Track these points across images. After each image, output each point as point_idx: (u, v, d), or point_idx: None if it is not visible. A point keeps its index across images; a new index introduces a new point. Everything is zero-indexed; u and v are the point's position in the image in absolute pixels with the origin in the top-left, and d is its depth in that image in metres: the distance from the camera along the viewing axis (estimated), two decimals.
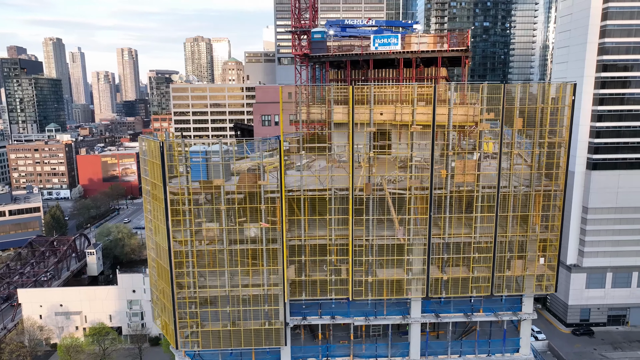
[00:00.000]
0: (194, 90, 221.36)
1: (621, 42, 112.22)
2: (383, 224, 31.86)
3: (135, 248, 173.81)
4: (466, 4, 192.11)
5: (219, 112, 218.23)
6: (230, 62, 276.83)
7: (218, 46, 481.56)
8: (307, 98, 47.72)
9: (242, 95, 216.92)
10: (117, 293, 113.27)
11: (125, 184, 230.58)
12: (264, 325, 32.48)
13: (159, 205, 31.76)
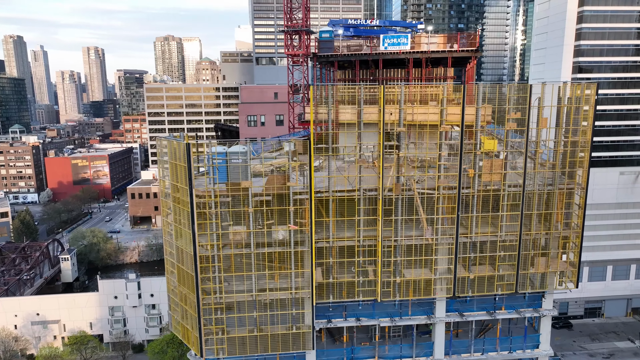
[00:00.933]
0: (168, 90, 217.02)
1: (595, 45, 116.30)
2: (410, 224, 31.75)
3: (112, 252, 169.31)
4: (441, 6, 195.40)
5: (195, 112, 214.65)
6: (203, 61, 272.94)
7: (189, 46, 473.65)
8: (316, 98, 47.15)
9: (218, 95, 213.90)
10: (98, 300, 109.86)
11: (97, 186, 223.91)
12: (291, 329, 31.85)
13: (182, 209, 30.71)
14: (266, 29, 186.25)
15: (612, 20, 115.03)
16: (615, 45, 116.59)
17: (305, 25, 76.22)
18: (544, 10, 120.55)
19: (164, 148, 32.11)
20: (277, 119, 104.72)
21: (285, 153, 38.49)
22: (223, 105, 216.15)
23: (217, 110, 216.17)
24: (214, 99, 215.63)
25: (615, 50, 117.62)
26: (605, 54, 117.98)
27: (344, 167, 32.28)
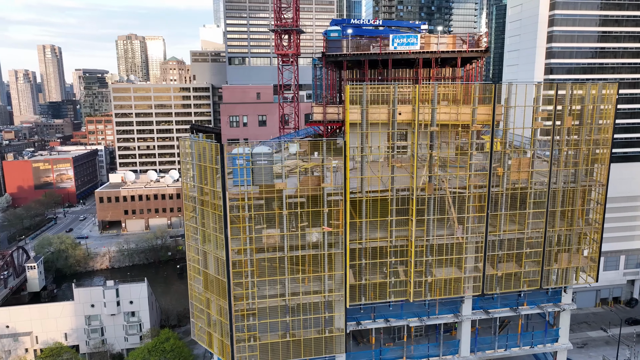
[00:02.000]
0: (137, 90, 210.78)
1: (566, 47, 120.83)
2: (440, 223, 31.84)
3: (81, 259, 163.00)
4: (412, 8, 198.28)
5: (165, 113, 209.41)
6: (170, 61, 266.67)
7: (152, 45, 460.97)
8: (325, 98, 46.73)
9: (189, 95, 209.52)
10: (74, 309, 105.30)
11: (61, 190, 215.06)
12: (324, 333, 31.32)
13: (210, 212, 29.66)
14: (239, 29, 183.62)
15: (580, 24, 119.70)
16: (584, 47, 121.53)
17: (296, 25, 75.66)
18: (516, 13, 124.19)
19: (188, 149, 30.91)
20: (260, 119, 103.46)
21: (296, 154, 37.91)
22: (194, 106, 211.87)
23: (188, 110, 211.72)
24: (184, 99, 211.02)
25: (583, 53, 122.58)
26: (575, 57, 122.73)
27: (376, 167, 31.94)
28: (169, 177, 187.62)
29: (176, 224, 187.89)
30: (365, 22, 53.05)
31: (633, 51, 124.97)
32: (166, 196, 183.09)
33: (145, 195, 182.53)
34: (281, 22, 74.89)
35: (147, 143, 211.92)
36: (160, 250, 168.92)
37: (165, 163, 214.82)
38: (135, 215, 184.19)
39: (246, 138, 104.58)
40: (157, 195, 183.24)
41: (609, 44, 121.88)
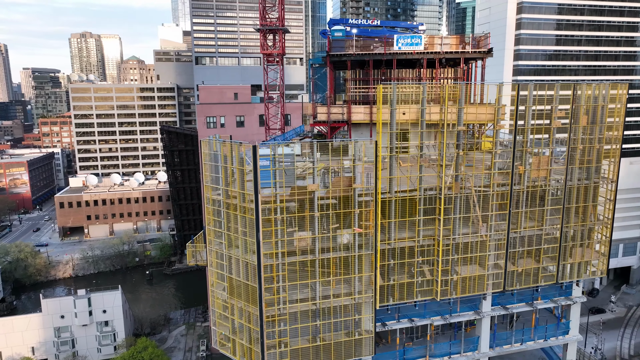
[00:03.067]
0: (97, 90, 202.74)
1: (532, 50, 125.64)
2: (464, 222, 32.19)
3: (42, 268, 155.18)
4: (379, 9, 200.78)
5: (128, 114, 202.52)
6: (131, 60, 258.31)
7: (108, 43, 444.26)
8: (329, 98, 46.36)
9: (153, 96, 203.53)
10: (42, 321, 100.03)
11: (15, 196, 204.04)
12: (353, 335, 30.98)
13: (239, 216, 28.72)
14: (206, 28, 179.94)
15: (544, 28, 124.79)
16: (548, 50, 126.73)
17: (282, 25, 74.82)
18: (484, 16, 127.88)
19: (215, 151, 29.82)
20: (238, 120, 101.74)
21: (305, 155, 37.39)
22: (159, 107, 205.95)
23: (152, 111, 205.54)
24: (148, 99, 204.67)
25: (548, 55, 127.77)
26: (540, 59, 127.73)
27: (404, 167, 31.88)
28: (134, 180, 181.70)
29: (142, 229, 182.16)
30: (364, 22, 53.11)
31: (590, 54, 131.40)
32: (132, 200, 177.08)
33: (109, 199, 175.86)
34: (266, 22, 73.85)
35: (109, 145, 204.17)
36: (127, 256, 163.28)
37: (128, 166, 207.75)
38: (99, 220, 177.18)
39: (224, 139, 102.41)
40: (122, 199, 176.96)
41: (570, 47, 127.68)
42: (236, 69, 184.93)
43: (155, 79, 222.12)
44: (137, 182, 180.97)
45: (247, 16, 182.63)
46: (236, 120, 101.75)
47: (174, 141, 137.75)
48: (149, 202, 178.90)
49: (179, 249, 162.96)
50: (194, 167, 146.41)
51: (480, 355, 35.58)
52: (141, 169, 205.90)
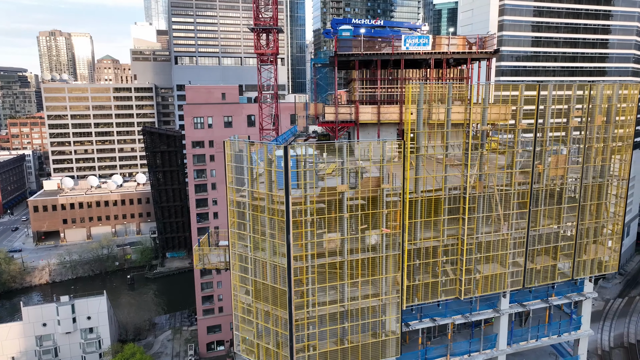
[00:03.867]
0: (72, 90, 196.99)
1: (514, 51, 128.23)
2: (487, 221, 32.46)
3: (16, 275, 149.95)
4: (359, 10, 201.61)
5: (104, 114, 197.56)
6: (105, 60, 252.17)
7: (79, 42, 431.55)
8: (336, 98, 46.10)
9: (130, 96, 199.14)
10: (22, 330, 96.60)
11: None
12: (380, 337, 30.81)
13: (267, 218, 28.18)
14: (186, 27, 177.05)
15: (525, 30, 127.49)
16: (529, 51, 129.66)
17: (276, 24, 74.12)
18: (467, 17, 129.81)
19: (240, 152, 29.16)
20: (226, 120, 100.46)
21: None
22: (136, 107, 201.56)
23: (129, 112, 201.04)
24: (125, 100, 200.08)
25: (528, 57, 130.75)
26: (521, 60, 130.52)
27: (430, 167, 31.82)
28: (112, 183, 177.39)
29: (121, 232, 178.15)
30: (367, 22, 53.06)
31: (568, 55, 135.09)
32: (110, 203, 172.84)
33: (86, 202, 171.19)
34: (261, 21, 72.97)
35: (84, 147, 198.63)
36: (106, 260, 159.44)
37: (105, 167, 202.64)
38: (76, 224, 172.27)
39: (211, 140, 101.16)
40: (100, 202, 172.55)
41: (550, 49, 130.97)
42: (217, 69, 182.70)
43: (132, 78, 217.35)
44: (116, 184, 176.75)
45: (227, 15, 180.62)
46: (224, 121, 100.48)
47: (156, 142, 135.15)
48: (128, 204, 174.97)
49: (161, 252, 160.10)
50: (177, 168, 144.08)
51: (499, 352, 35.97)
52: (118, 171, 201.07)
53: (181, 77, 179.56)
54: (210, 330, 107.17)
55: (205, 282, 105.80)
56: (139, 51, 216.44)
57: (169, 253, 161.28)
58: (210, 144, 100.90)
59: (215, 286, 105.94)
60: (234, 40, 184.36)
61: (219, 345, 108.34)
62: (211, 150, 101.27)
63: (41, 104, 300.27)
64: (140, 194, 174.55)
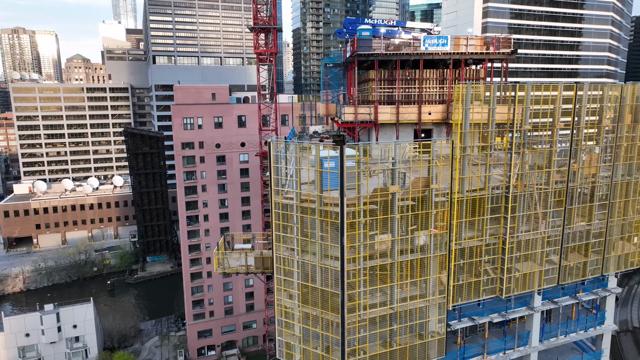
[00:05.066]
0: (43, 90, 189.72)
1: None
2: (526, 219, 32.78)
3: None
4: (339, 11, 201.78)
5: (78, 115, 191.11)
6: (75, 59, 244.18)
7: (43, 40, 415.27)
8: (355, 98, 45.73)
9: (105, 96, 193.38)
10: (4, 341, 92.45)
11: None
12: (426, 338, 30.63)
13: (318, 220, 27.56)
14: (164, 26, 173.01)
15: (507, 32, 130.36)
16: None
17: (275, 23, 73.26)
18: (451, 19, 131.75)
19: (287, 152, 28.42)
20: (216, 121, 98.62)
21: None
22: (111, 108, 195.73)
23: (104, 113, 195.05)
24: (100, 100, 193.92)
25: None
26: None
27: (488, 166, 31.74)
28: (88, 186, 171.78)
29: (98, 237, 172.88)
30: (380, 22, 52.95)
31: (547, 57, 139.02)
32: (86, 206, 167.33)
33: (61, 206, 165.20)
34: (260, 20, 71.97)
35: (57, 149, 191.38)
36: (84, 266, 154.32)
37: (79, 170, 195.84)
38: (50, 229, 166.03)
39: (201, 141, 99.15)
40: (75, 206, 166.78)
41: (530, 50, 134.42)
42: (196, 69, 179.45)
43: (106, 78, 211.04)
44: (92, 188, 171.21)
45: (206, 14, 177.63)
46: (214, 122, 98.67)
47: (138, 144, 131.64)
48: (105, 208, 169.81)
49: (142, 256, 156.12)
50: (159, 170, 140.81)
51: (531, 349, 36.41)
52: (93, 174, 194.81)
53: (160, 77, 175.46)
54: (201, 335, 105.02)
55: (195, 286, 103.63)
56: (113, 50, 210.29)
57: (150, 257, 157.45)
58: (200, 145, 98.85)
59: (206, 290, 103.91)
60: (213, 40, 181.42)
61: (210, 350, 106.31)
62: (201, 152, 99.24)
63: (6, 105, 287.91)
64: (118, 197, 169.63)
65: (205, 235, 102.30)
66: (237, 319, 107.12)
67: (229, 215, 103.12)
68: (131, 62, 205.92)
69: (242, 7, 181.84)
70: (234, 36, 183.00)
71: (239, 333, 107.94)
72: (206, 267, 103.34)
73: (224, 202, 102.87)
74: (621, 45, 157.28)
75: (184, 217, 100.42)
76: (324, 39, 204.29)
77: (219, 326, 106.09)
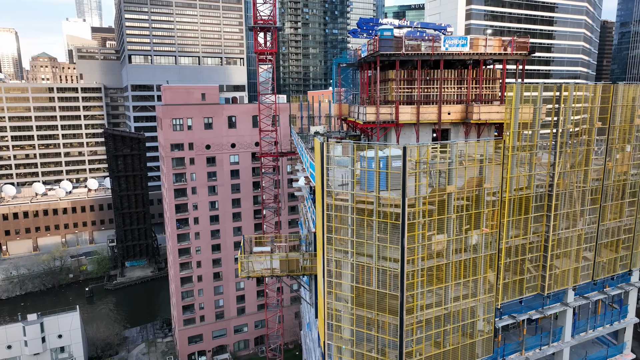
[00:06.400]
0: (9, 90, 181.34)
1: None
2: (566, 217, 33.35)
3: None
4: (317, 11, 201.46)
5: (47, 117, 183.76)
6: (41, 57, 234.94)
7: (2, 38, 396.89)
8: (378, 98, 45.50)
9: (77, 97, 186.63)
10: None
11: None
12: (477, 337, 30.68)
13: (376, 221, 27.15)
14: (140, 24, 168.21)
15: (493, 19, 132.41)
16: None
17: (275, 22, 72.35)
18: (435, 7, 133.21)
19: (335, 153, 27.87)
20: (206, 122, 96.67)
21: None
22: (83, 109, 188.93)
23: (76, 114, 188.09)
24: (71, 100, 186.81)
25: None
26: None
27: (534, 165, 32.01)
28: (61, 190, 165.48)
29: (72, 242, 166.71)
30: (394, 22, 52.94)
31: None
32: (59, 211, 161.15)
33: (32, 211, 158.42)
34: (260, 19, 70.87)
35: (25, 151, 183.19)
36: (59, 273, 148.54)
37: (50, 174, 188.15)
38: (20, 235, 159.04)
39: (191, 142, 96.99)
40: (48, 210, 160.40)
41: None
42: (173, 69, 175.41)
43: (75, 78, 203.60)
44: (65, 191, 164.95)
45: (184, 13, 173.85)
46: (204, 122, 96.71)
47: (119, 145, 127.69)
48: (80, 212, 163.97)
49: (121, 261, 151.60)
50: (140, 173, 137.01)
51: (564, 345, 37.09)
52: (65, 177, 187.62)
53: (136, 77, 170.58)
54: (192, 340, 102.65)
55: (185, 291, 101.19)
56: (84, 49, 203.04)
57: (129, 262, 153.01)
58: (190, 147, 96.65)
59: (197, 294, 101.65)
60: (191, 39, 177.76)
61: (201, 356, 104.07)
62: (191, 153, 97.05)
63: None
64: (93, 201, 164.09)
65: (196, 239, 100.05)
66: (228, 323, 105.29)
67: (219, 217, 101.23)
68: (104, 61, 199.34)
69: (220, 6, 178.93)
70: (212, 35, 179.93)
71: (230, 337, 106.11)
72: (197, 270, 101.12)
73: (214, 204, 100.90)
74: (592, 47, 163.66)
75: (174, 220, 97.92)
76: (302, 39, 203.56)
77: (210, 331, 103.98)
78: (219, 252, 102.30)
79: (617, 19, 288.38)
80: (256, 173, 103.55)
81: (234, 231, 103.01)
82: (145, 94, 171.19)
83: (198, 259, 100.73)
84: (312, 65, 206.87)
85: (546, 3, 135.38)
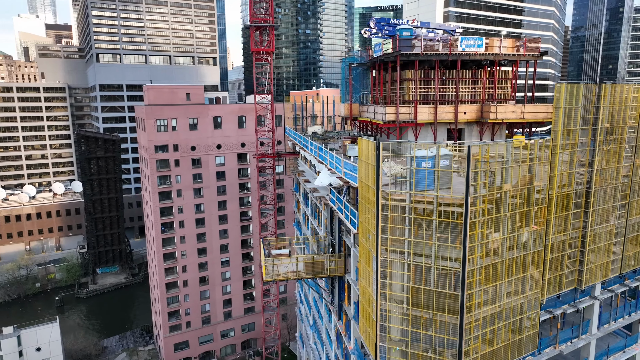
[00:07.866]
0: None
1: None
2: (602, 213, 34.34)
3: None
4: (290, 12, 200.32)
5: (6, 117, 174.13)
6: None
7: None
8: (398, 98, 45.41)
9: (39, 97, 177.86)
10: None
11: None
12: (524, 332, 31.03)
13: (435, 222, 26.98)
14: (108, 22, 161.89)
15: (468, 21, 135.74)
16: None
17: (272, 21, 71.17)
18: (413, 8, 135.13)
19: (399, 152, 27.44)
20: (191, 122, 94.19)
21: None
22: (46, 109, 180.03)
23: (39, 114, 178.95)
24: (32, 101, 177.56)
25: None
26: None
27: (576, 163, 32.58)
28: (24, 195, 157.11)
29: (37, 249, 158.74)
30: (404, 22, 53.03)
31: None
32: (22, 217, 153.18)
33: None
34: (257, 18, 69.52)
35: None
36: (25, 282, 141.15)
37: (10, 177, 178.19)
38: None
39: (176, 144, 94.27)
40: (10, 216, 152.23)
41: None
42: (144, 68, 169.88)
43: (34, 77, 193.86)
44: (28, 196, 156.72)
45: (154, 11, 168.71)
46: (189, 123, 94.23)
47: (92, 147, 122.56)
48: (45, 218, 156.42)
49: (92, 268, 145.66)
50: (114, 176, 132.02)
51: (591, 337, 38.14)
52: (27, 181, 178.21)
53: (104, 77, 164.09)
54: (177, 347, 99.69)
55: (171, 297, 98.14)
56: (46, 47, 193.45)
57: (100, 269, 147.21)
58: (174, 148, 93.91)
59: (182, 300, 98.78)
60: (162, 38, 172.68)
61: None
62: (176, 155, 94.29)
63: None
64: (60, 206, 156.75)
65: (181, 243, 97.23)
66: (214, 328, 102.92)
67: (205, 220, 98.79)
68: (67, 60, 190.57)
69: (191, 4, 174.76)
70: (184, 34, 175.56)
71: (217, 342, 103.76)
72: (182, 275, 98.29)
73: (199, 206, 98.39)
74: (558, 50, 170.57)
75: (158, 223, 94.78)
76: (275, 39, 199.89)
77: (196, 337, 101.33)
78: (205, 256, 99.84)
79: (573, 24, 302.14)
80: (242, 174, 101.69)
81: (220, 234, 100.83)
82: (115, 94, 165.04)
83: (184, 263, 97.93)
84: (285, 65, 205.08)
85: (517, 7, 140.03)
